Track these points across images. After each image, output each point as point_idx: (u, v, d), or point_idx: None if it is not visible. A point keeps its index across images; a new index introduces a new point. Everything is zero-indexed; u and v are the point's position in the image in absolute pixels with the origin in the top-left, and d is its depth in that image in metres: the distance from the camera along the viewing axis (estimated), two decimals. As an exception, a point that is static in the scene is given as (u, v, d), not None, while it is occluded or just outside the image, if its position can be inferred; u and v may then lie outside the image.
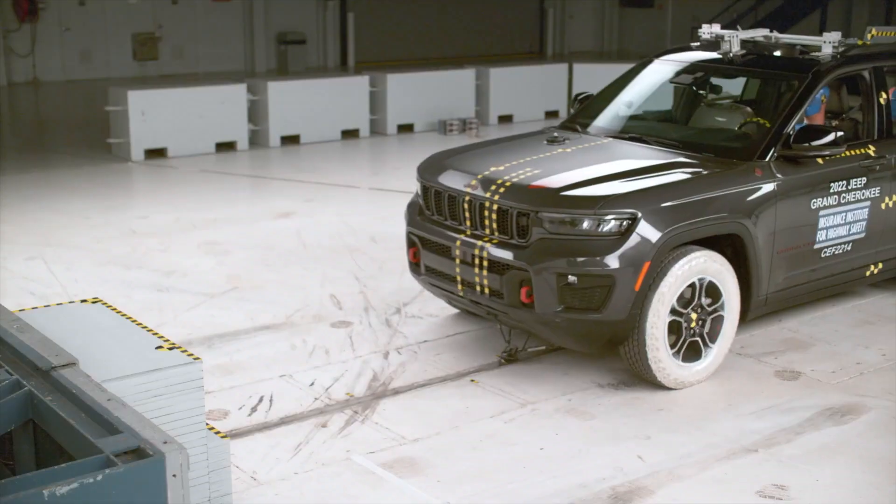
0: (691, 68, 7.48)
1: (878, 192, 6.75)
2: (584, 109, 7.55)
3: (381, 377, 6.05)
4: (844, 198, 6.53)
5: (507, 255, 5.72)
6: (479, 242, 5.88)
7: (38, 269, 8.11)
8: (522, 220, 5.72)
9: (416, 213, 6.48)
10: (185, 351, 3.96)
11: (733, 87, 7.89)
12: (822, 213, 6.41)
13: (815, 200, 6.36)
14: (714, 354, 5.97)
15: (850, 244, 6.67)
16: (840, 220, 6.54)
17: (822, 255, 6.52)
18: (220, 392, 5.83)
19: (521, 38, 26.53)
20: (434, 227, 6.26)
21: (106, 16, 20.95)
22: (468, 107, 15.47)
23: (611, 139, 6.83)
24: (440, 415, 5.56)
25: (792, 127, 6.32)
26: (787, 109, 6.47)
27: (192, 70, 21.86)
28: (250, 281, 7.87)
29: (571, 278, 5.49)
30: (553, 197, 5.72)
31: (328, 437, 5.31)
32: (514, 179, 5.93)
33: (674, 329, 5.77)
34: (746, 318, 6.24)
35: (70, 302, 4.46)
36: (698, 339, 5.88)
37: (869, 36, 7.17)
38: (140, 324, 4.18)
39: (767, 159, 6.19)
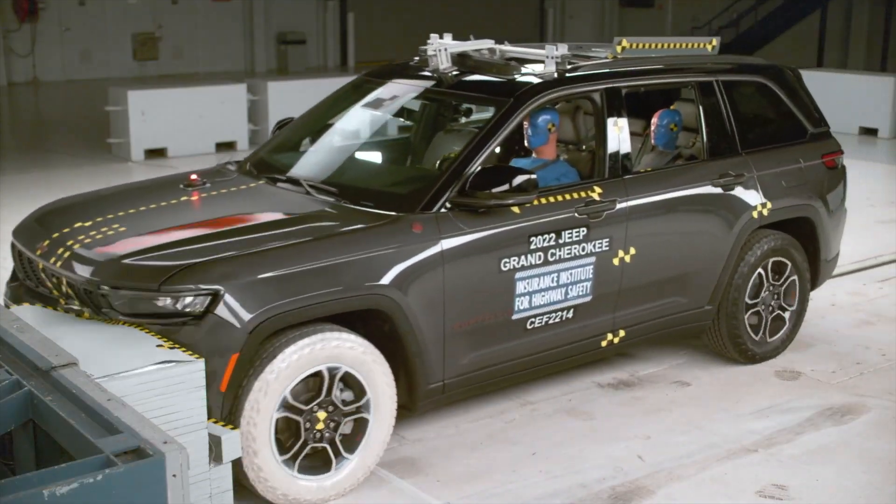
0: (390, 91, 6.06)
1: (606, 245, 5.35)
2: (273, 140, 6.19)
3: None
4: (554, 254, 5.15)
5: None
6: None
7: (38, 269, 8.10)
8: (93, 297, 4.38)
9: (11, 278, 5.15)
10: (186, 350, 3.96)
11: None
12: (518, 274, 5.05)
13: (507, 260, 4.99)
14: (355, 464, 4.64)
15: (571, 311, 5.32)
16: (550, 282, 5.18)
17: (528, 327, 5.19)
18: (220, 392, 5.82)
19: (520, 39, 26.48)
20: (26, 296, 4.84)
21: (106, 16, 20.98)
22: (468, 107, 15.45)
23: (264, 182, 5.38)
24: (440, 415, 5.56)
25: (478, 166, 5.00)
26: (471, 144, 5.11)
27: (191, 70, 21.89)
28: (250, 281, 7.85)
29: None
30: (113, 267, 4.41)
31: (328, 437, 5.30)
32: (86, 241, 4.62)
33: (290, 434, 4.48)
34: (416, 409, 4.97)
35: (70, 302, 4.46)
36: (328, 445, 4.55)
37: (619, 49, 5.73)
38: (140, 324, 4.18)
39: (436, 209, 4.86)
